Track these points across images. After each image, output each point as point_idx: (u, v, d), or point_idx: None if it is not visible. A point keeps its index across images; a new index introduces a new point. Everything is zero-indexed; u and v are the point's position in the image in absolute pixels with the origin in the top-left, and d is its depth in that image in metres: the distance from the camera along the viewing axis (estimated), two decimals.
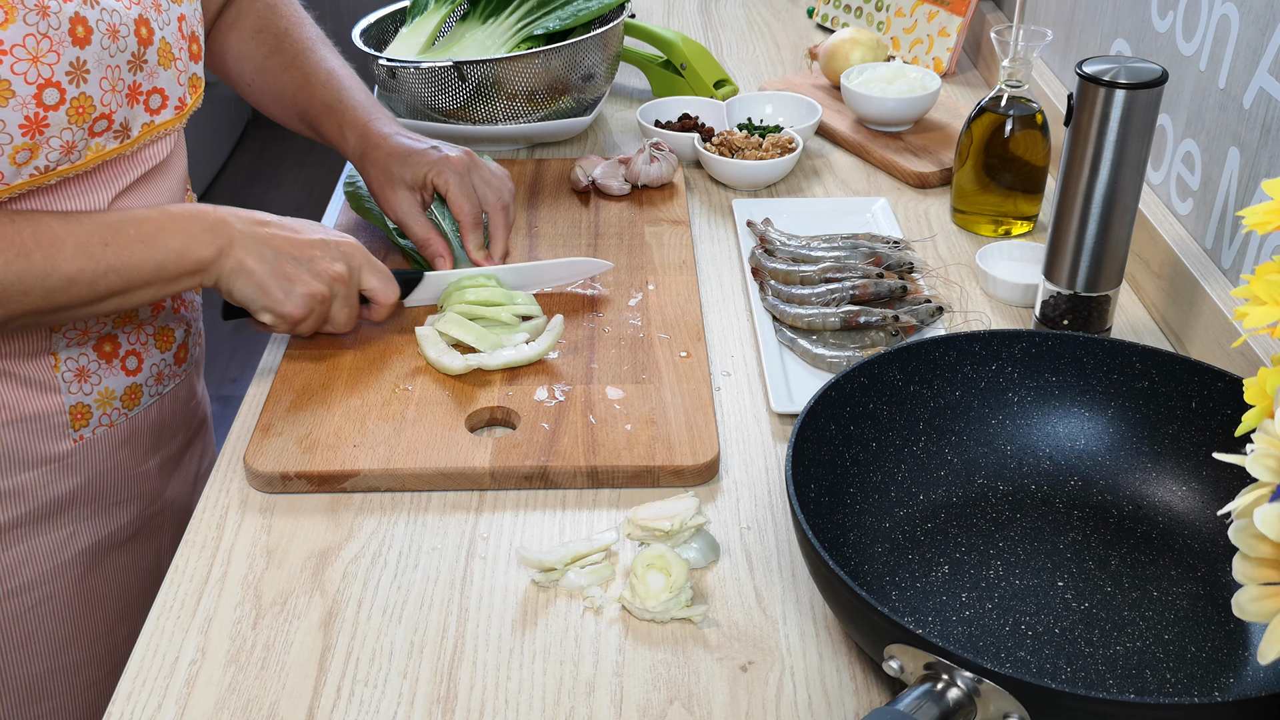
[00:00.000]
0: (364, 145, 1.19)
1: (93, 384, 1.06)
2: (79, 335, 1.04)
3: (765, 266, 1.23)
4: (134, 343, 1.10)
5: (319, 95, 1.21)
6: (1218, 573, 0.87)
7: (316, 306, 1.03)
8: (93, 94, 0.94)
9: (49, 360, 1.03)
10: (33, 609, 1.07)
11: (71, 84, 0.92)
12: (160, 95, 1.02)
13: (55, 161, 0.95)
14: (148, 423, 1.13)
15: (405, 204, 1.18)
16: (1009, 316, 1.19)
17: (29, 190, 0.95)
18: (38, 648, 1.09)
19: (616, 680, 0.81)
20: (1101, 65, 1.00)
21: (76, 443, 1.06)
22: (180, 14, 1.03)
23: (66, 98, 0.92)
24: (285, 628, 0.86)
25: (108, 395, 1.08)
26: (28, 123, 0.91)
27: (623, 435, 1.00)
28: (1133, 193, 1.03)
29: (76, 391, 1.05)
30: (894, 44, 1.76)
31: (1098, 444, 0.96)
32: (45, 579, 1.07)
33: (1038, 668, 0.80)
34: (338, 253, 1.04)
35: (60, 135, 0.93)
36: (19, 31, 0.88)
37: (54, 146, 0.94)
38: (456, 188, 1.17)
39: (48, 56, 0.90)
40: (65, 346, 1.04)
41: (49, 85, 0.91)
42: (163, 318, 1.12)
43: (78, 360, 1.05)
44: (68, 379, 1.04)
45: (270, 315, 1.02)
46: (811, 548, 0.77)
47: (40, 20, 0.89)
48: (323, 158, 4.02)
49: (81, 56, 0.93)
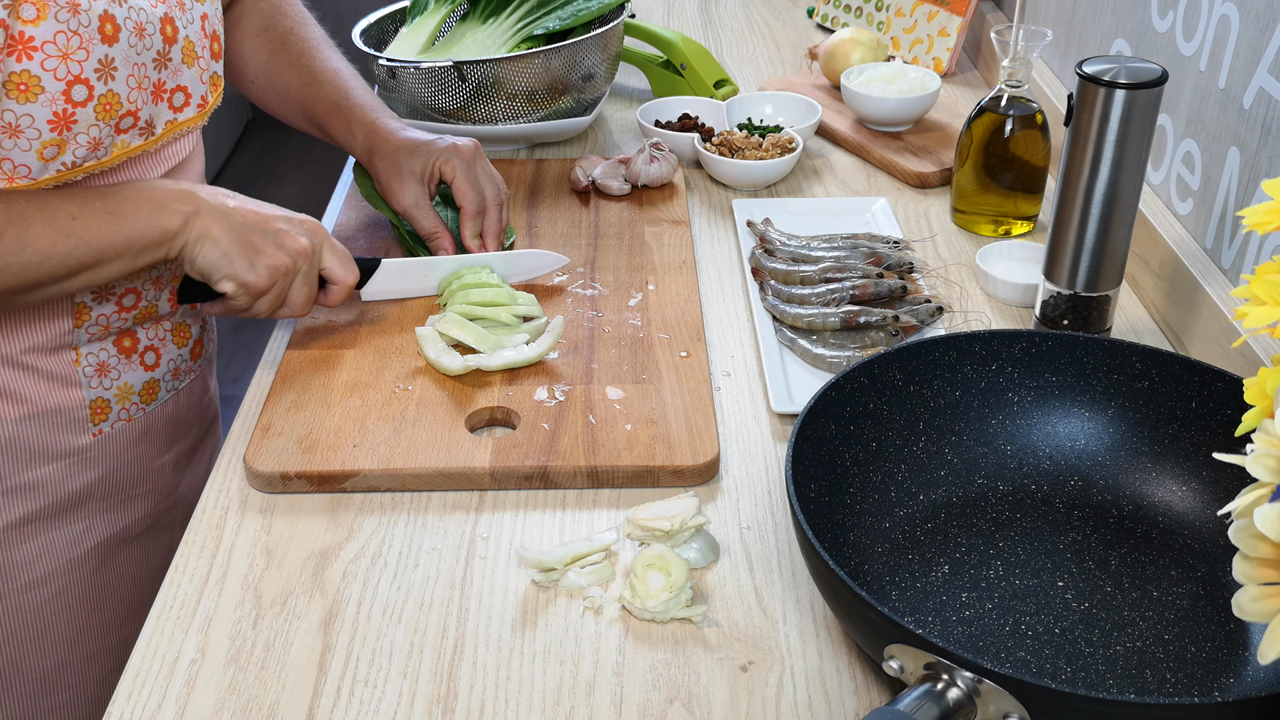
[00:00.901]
0: (372, 140, 1.21)
1: (112, 379, 1.07)
2: (100, 330, 1.05)
3: (765, 266, 1.23)
4: (153, 338, 1.11)
5: (325, 94, 1.22)
6: (1218, 573, 0.87)
7: (280, 279, 1.02)
8: (120, 91, 0.95)
9: (70, 355, 1.04)
10: (48, 602, 1.08)
11: (100, 81, 0.93)
12: (184, 93, 1.03)
13: (82, 158, 0.96)
14: (164, 418, 1.14)
15: (412, 196, 1.19)
16: (1009, 316, 1.19)
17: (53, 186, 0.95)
18: (52, 641, 1.09)
19: (616, 680, 0.81)
20: (1101, 65, 1.00)
21: (95, 437, 1.07)
22: (203, 13, 1.05)
23: (95, 94, 0.93)
24: (285, 628, 0.86)
25: (127, 390, 1.09)
26: (56, 119, 0.92)
27: (623, 435, 1.00)
28: (1133, 193, 1.03)
29: (96, 386, 1.06)
30: (894, 44, 1.76)
31: (1098, 444, 0.96)
32: (61, 572, 1.08)
33: (1038, 668, 0.80)
34: (301, 228, 1.05)
35: (88, 132, 0.94)
36: (50, 29, 0.90)
37: (81, 143, 0.95)
38: (463, 176, 1.19)
39: (77, 53, 0.91)
40: (86, 341, 1.05)
41: (78, 82, 0.92)
42: (180, 313, 1.13)
43: (98, 355, 1.06)
44: (88, 374, 1.05)
45: (232, 284, 1.01)
46: (811, 548, 0.77)
47: (71, 18, 0.90)
48: (323, 158, 4.02)
49: (110, 54, 0.94)
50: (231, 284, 1.01)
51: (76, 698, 1.12)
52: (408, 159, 1.19)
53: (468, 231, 1.19)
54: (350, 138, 1.22)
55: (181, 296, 1.07)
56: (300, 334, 1.13)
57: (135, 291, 1.07)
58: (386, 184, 1.20)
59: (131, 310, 1.07)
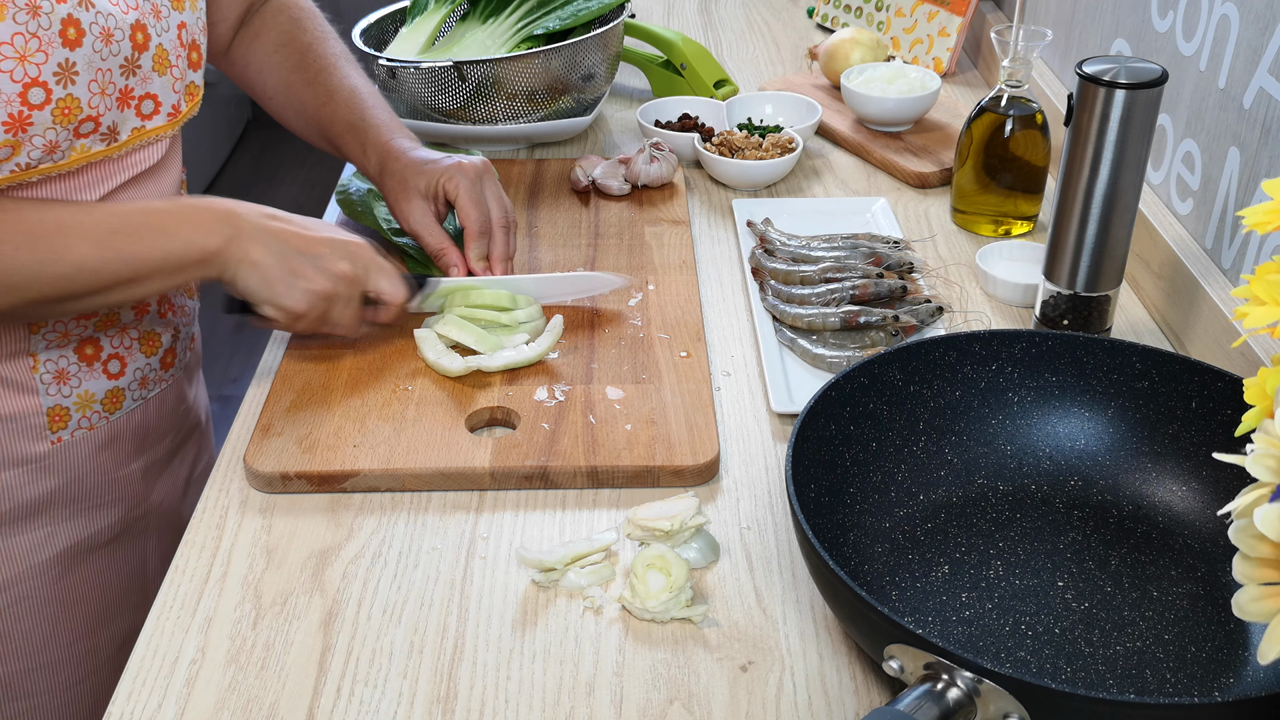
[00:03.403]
0: (384, 161, 1.19)
1: (72, 386, 1.06)
2: (59, 337, 1.04)
3: (765, 266, 1.23)
4: (117, 346, 1.09)
5: (341, 113, 1.21)
6: (1218, 573, 0.87)
7: (319, 304, 1.02)
8: (80, 96, 0.94)
9: (27, 361, 1.02)
10: (8, 608, 1.07)
11: (59, 85, 0.92)
12: (153, 101, 1.02)
13: (37, 160, 0.94)
14: (131, 426, 1.12)
15: (419, 214, 1.17)
16: (1009, 316, 1.19)
17: (11, 185, 0.95)
18: (14, 646, 1.08)
19: (616, 680, 0.81)
20: (1101, 65, 1.00)
21: (54, 444, 1.06)
22: (181, 21, 1.04)
23: (53, 98, 0.92)
24: (285, 628, 0.86)
25: (88, 398, 1.07)
26: (11, 120, 0.91)
27: (623, 435, 1.00)
28: (1133, 193, 1.03)
29: (55, 394, 1.05)
30: (894, 44, 1.76)
31: (1098, 444, 0.96)
32: (21, 578, 1.07)
33: (1038, 668, 0.80)
34: (345, 252, 1.04)
35: (44, 135, 0.93)
36: (7, 30, 0.89)
37: (36, 145, 0.93)
38: (466, 194, 1.16)
39: (35, 56, 0.90)
40: (45, 348, 1.03)
41: (35, 85, 0.91)
42: (148, 321, 1.11)
43: (57, 362, 1.04)
44: (45, 380, 1.04)
45: (272, 309, 1.02)
46: (811, 548, 0.77)
47: (30, 20, 0.90)
48: (323, 158, 4.00)
49: (71, 58, 0.93)
50: (271, 309, 1.02)
51: (43, 703, 1.12)
52: (415, 177, 1.17)
53: (472, 253, 1.16)
54: (364, 159, 1.21)
55: (227, 308, 1.06)
56: None
57: None
58: (395, 203, 1.19)
59: (91, 318, 1.05)
